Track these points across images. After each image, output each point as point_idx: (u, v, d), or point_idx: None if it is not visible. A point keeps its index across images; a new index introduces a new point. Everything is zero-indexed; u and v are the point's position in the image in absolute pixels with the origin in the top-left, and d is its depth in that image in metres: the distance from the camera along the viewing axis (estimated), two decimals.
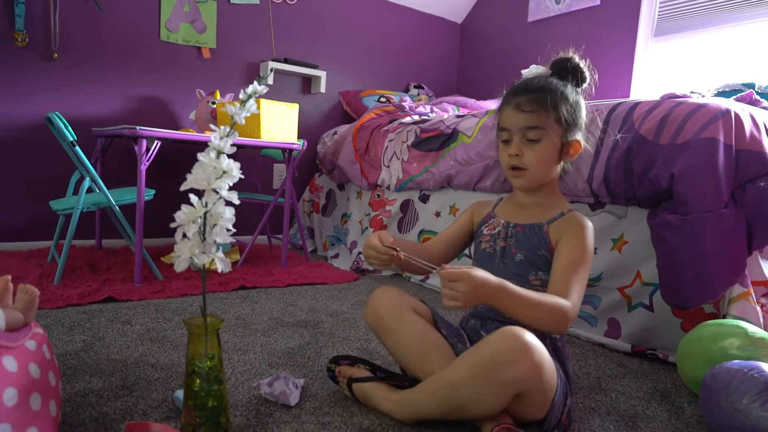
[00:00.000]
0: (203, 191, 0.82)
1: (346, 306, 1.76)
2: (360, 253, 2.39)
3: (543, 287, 0.99)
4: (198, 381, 0.82)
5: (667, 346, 1.35)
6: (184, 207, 0.80)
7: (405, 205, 2.31)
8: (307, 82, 3.10)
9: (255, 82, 0.86)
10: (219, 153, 0.83)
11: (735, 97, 1.59)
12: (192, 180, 0.82)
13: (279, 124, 2.27)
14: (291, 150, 2.30)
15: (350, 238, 2.58)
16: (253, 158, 2.85)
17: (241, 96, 0.86)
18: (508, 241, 1.04)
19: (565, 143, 0.99)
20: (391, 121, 2.53)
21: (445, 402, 0.88)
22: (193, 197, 0.81)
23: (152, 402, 0.98)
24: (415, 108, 2.76)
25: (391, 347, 1.03)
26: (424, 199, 2.23)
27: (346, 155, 2.61)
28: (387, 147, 2.40)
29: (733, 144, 1.23)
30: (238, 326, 1.47)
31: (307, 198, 3.05)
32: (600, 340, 1.48)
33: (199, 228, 0.80)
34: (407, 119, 2.48)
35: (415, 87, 3.45)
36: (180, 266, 0.79)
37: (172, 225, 0.80)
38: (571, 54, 1.03)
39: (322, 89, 3.05)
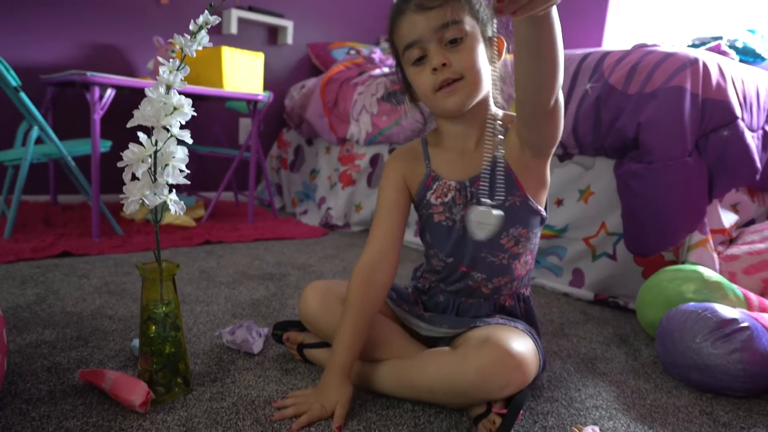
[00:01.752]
0: (153, 129, 0.77)
1: (314, 260, 1.74)
2: (329, 208, 2.35)
3: (517, 246, 0.88)
4: (153, 327, 0.79)
5: (629, 294, 1.39)
6: (132, 145, 0.75)
7: (374, 160, 2.27)
8: (273, 33, 2.97)
9: (206, 12, 0.80)
10: (168, 88, 0.78)
11: (704, 48, 1.59)
12: (140, 116, 0.77)
13: (243, 74, 2.17)
14: (256, 102, 2.21)
15: (319, 194, 2.53)
16: (217, 111, 2.74)
17: (191, 27, 0.80)
18: (468, 206, 0.86)
19: (487, 40, 0.81)
20: (360, 74, 2.45)
21: (417, 397, 0.81)
22: (141, 135, 0.76)
23: (109, 352, 0.95)
24: (385, 60, 2.68)
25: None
26: None
27: (314, 109, 2.54)
28: (356, 100, 2.33)
29: (700, 93, 1.23)
30: (201, 279, 1.44)
31: (275, 154, 2.97)
32: (564, 289, 1.51)
33: (149, 168, 0.76)
34: (377, 72, 2.41)
35: (385, 40, 3.33)
36: (129, 208, 0.74)
37: (119, 164, 0.74)
38: None
39: (289, 40, 2.93)
